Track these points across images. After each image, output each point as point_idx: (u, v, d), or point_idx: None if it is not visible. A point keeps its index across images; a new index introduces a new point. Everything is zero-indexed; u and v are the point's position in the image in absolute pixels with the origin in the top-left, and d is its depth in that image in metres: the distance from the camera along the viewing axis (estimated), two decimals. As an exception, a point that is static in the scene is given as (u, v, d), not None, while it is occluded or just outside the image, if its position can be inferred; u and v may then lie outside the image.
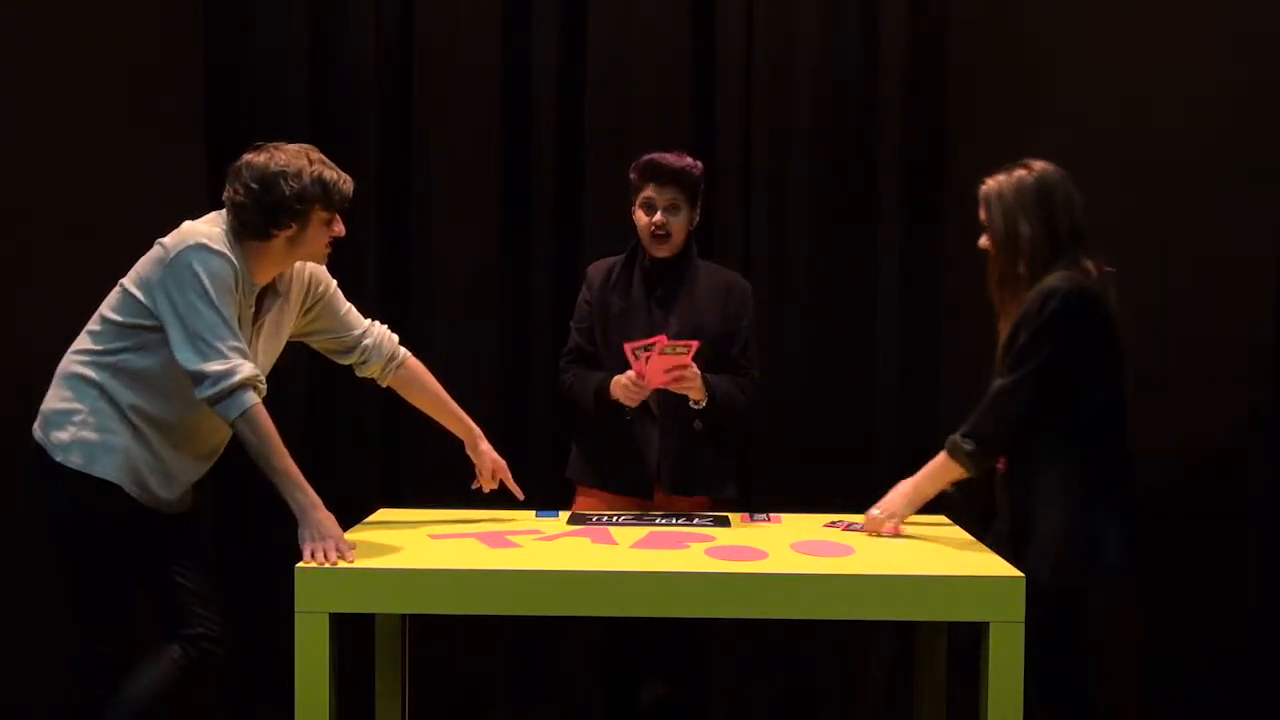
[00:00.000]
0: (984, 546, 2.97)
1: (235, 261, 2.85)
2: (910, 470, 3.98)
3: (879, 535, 3.07)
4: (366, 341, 3.21)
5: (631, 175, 3.47)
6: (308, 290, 3.11)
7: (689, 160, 3.46)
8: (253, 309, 2.95)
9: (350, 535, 2.92)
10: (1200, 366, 3.97)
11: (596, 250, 4.01)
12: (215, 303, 2.80)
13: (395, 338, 3.28)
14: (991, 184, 3.04)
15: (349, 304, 3.22)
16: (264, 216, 2.86)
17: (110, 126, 3.99)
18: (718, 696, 4.09)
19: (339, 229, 2.98)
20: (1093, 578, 2.91)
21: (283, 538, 3.06)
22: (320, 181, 2.88)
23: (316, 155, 2.93)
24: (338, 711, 2.72)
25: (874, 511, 3.12)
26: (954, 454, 2.99)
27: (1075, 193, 3.00)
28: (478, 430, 3.35)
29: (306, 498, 2.81)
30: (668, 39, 4.04)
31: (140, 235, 3.87)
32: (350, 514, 3.19)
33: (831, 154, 4.05)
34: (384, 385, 3.29)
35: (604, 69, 4.04)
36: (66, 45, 3.99)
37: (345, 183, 2.95)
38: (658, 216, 3.41)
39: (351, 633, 2.90)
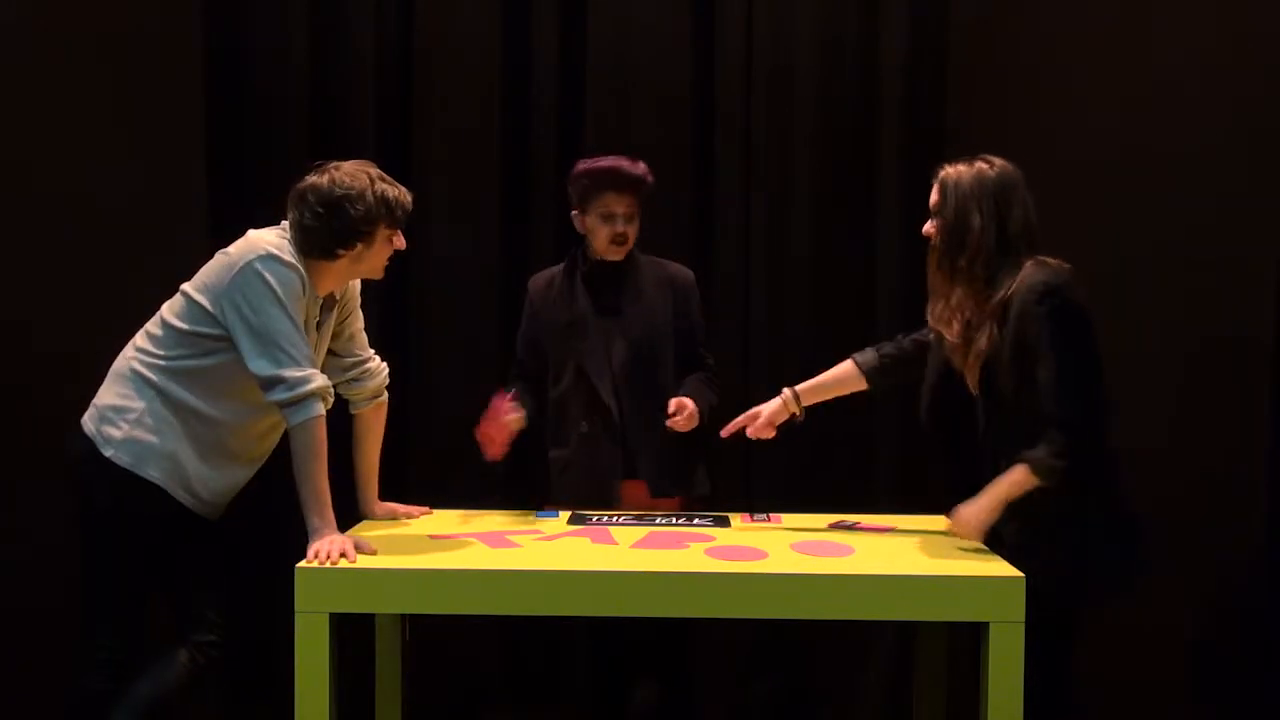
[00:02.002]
0: (984, 547, 2.96)
1: (303, 272, 2.90)
2: (908, 469, 4.02)
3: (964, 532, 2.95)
4: (370, 364, 3.23)
5: (583, 180, 3.42)
6: (347, 304, 3.16)
7: (643, 166, 3.43)
8: (317, 318, 3.00)
9: (351, 535, 2.91)
10: (1200, 366, 3.96)
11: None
12: (289, 311, 2.84)
13: (387, 379, 3.28)
14: (950, 170, 2.97)
15: (361, 325, 3.25)
16: (331, 239, 2.92)
17: (110, 127, 3.99)
18: (717, 697, 4.10)
19: (400, 243, 3.03)
20: (1097, 596, 2.88)
21: (283, 537, 3.07)
22: (384, 201, 2.94)
23: (375, 171, 2.98)
24: (338, 711, 2.73)
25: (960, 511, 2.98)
26: (1037, 471, 2.81)
27: (1030, 197, 2.95)
28: (375, 497, 3.33)
29: (324, 521, 2.83)
30: (668, 39, 4.04)
31: (140, 234, 3.92)
32: (351, 515, 3.19)
33: (831, 154, 4.05)
34: (353, 412, 3.26)
35: (604, 69, 4.04)
36: (66, 45, 3.98)
37: (405, 196, 3.00)
38: (619, 226, 3.39)
39: (351, 633, 2.90)
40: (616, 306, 3.45)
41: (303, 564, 2.72)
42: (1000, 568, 2.76)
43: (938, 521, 3.33)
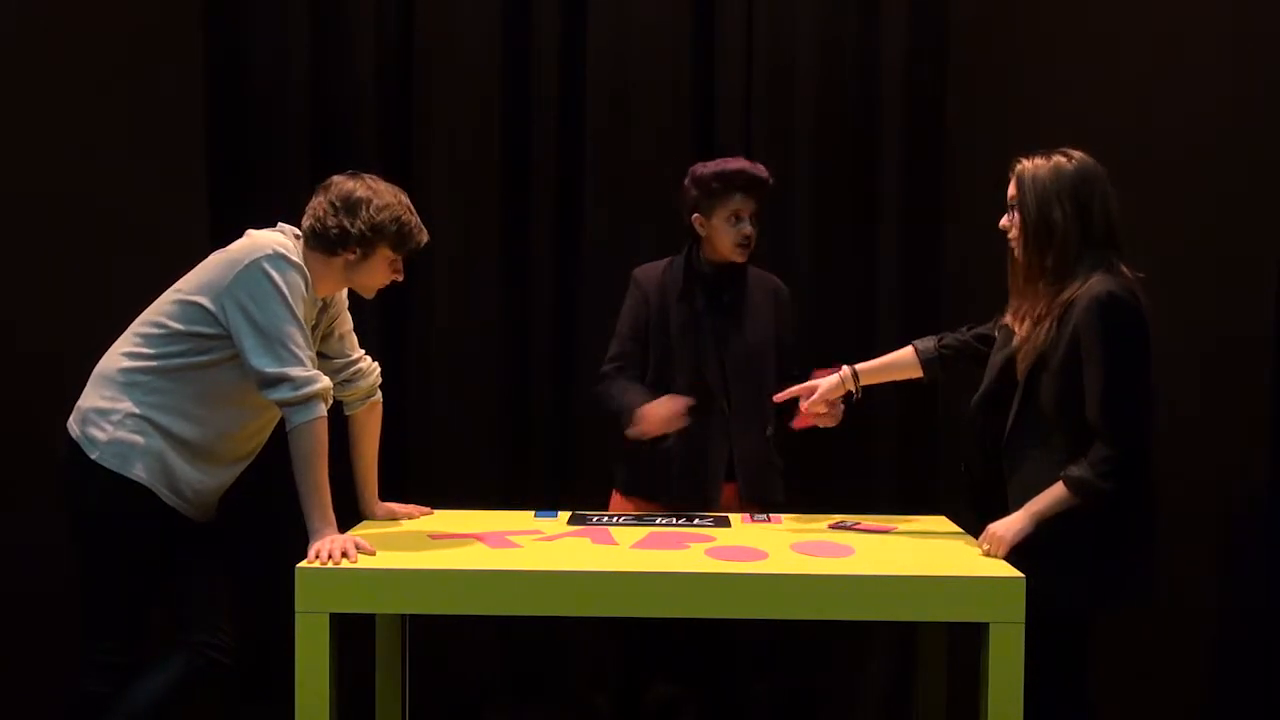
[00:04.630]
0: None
1: (307, 273, 2.91)
2: (908, 469, 4.02)
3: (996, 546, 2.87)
4: (361, 365, 3.22)
5: (711, 183, 3.40)
6: (335, 305, 3.16)
7: (763, 168, 3.45)
8: (314, 323, 3.01)
9: (351, 536, 2.92)
10: (1200, 366, 3.97)
11: (596, 250, 4.02)
12: (294, 311, 2.85)
13: (380, 379, 3.28)
14: (1028, 164, 2.89)
15: (350, 327, 3.24)
16: (336, 234, 2.93)
17: (110, 126, 3.99)
18: (718, 697, 4.09)
19: (399, 274, 3.05)
20: (1115, 608, 2.86)
21: (283, 537, 3.07)
22: (398, 221, 2.96)
23: (406, 200, 3.01)
24: (338, 711, 2.73)
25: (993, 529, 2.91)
26: (1079, 491, 2.77)
27: (1113, 192, 2.89)
28: (375, 497, 3.33)
29: (324, 521, 2.83)
30: (668, 39, 4.04)
31: (140, 234, 3.91)
32: (351, 515, 3.19)
33: (832, 154, 4.05)
34: (348, 414, 3.25)
35: (604, 69, 4.04)
36: (66, 45, 3.99)
37: (421, 233, 3.02)
38: (747, 228, 3.39)
39: (351, 633, 2.90)
40: (731, 310, 3.46)
41: (303, 564, 2.71)
42: (1000, 568, 2.76)
43: (938, 522, 3.33)
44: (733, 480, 3.47)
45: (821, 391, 3.25)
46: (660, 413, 3.29)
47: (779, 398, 3.28)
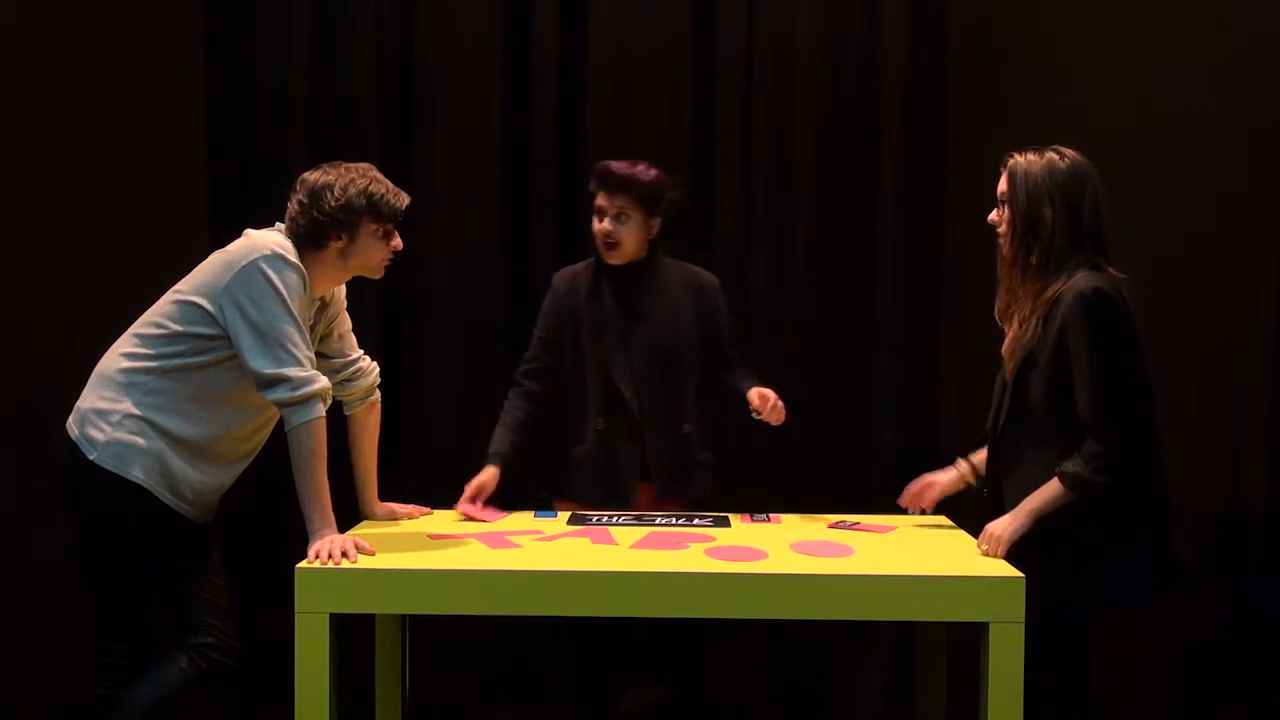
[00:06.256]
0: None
1: (304, 272, 2.91)
2: (907, 469, 4.01)
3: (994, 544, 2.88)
4: (361, 364, 3.23)
5: (590, 184, 3.45)
6: (334, 305, 3.16)
7: (641, 167, 3.40)
8: (311, 320, 3.01)
9: (351, 536, 2.92)
10: (1201, 367, 3.97)
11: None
12: (292, 311, 2.85)
13: (379, 378, 3.28)
14: (1020, 160, 2.90)
15: (349, 327, 3.24)
16: (314, 227, 2.94)
17: (110, 126, 3.99)
18: (717, 697, 4.10)
19: (396, 243, 3.04)
20: (1115, 607, 2.87)
21: (283, 537, 3.06)
22: (366, 194, 2.95)
23: (373, 173, 3.01)
24: (338, 711, 2.73)
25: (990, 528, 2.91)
26: (1074, 486, 2.79)
27: (1103, 192, 2.89)
28: (374, 497, 3.34)
29: (324, 521, 2.83)
30: (668, 38, 4.04)
31: (141, 234, 3.92)
32: (351, 515, 3.19)
33: (832, 153, 4.05)
34: (347, 413, 3.25)
35: (604, 69, 4.04)
36: (67, 44, 3.99)
37: (395, 196, 3.01)
38: (605, 224, 3.38)
39: (352, 633, 2.90)
40: (639, 308, 3.45)
41: (303, 564, 2.72)
42: (1000, 567, 2.76)
43: (938, 521, 3.33)
44: (648, 479, 3.47)
45: (941, 487, 3.26)
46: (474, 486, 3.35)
47: (927, 505, 3.27)
